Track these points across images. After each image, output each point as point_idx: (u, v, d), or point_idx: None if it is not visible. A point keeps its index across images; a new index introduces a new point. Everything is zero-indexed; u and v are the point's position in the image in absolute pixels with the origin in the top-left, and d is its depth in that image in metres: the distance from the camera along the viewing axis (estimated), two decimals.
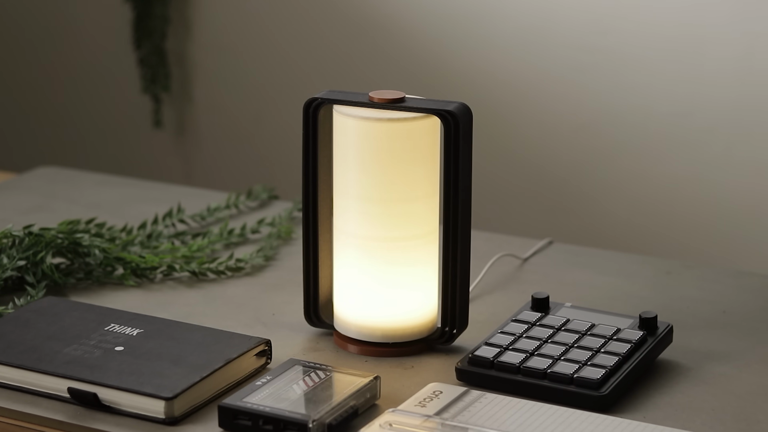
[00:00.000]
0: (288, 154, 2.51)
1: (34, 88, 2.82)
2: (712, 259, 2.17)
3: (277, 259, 1.43)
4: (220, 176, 2.65)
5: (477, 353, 1.14)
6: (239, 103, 2.60)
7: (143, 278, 1.37)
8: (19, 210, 1.57)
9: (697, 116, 2.17)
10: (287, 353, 1.18)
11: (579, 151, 2.28)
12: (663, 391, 1.13)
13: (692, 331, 1.24)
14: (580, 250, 1.48)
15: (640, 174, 2.25)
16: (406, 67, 2.40)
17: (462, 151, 1.14)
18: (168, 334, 1.17)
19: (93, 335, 1.17)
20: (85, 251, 1.35)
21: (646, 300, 1.31)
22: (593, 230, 2.28)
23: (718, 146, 2.17)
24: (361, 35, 2.45)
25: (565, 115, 2.28)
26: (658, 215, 2.24)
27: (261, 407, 1.04)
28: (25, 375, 1.11)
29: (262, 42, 2.54)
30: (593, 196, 2.29)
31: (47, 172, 1.74)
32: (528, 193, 2.35)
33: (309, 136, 1.19)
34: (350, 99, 1.16)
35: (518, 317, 1.20)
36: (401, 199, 1.17)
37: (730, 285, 1.36)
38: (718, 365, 1.17)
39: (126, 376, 1.09)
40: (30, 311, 1.22)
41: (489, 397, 1.08)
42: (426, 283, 1.19)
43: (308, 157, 1.19)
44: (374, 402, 1.10)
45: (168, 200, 1.57)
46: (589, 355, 1.13)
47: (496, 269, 1.39)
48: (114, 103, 2.74)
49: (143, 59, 2.63)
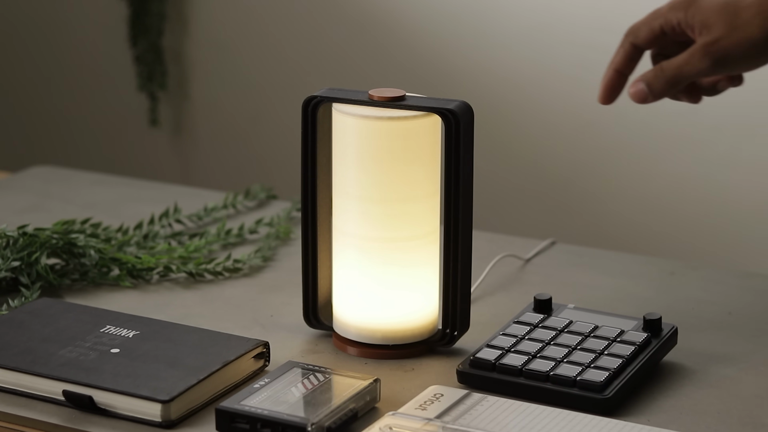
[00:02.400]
0: (286, 153, 2.51)
1: (28, 86, 2.82)
2: (717, 260, 2.18)
3: (275, 260, 1.43)
4: (218, 176, 2.65)
5: (478, 355, 1.13)
6: (237, 101, 2.60)
7: (139, 279, 1.36)
8: (14, 210, 1.56)
9: (702, 114, 2.17)
10: (286, 355, 1.18)
11: (582, 150, 2.28)
12: (667, 394, 1.12)
13: (697, 332, 1.24)
14: (583, 250, 1.47)
15: (644, 173, 2.25)
16: (407, 64, 2.39)
17: (463, 150, 1.14)
18: (164, 335, 1.17)
19: (88, 337, 1.16)
20: (81, 252, 1.35)
21: (650, 301, 1.31)
22: (596, 230, 2.28)
23: (723, 145, 2.17)
24: (361, 32, 2.44)
25: (568, 113, 2.28)
26: (662, 215, 2.24)
27: (259, 410, 1.04)
28: (20, 377, 1.11)
29: (260, 39, 2.54)
30: (596, 196, 2.29)
31: (42, 172, 1.74)
32: (530, 192, 2.35)
33: (308, 135, 1.18)
34: (350, 97, 1.16)
35: (520, 319, 1.20)
36: (401, 198, 1.16)
37: (736, 286, 1.36)
38: (723, 367, 1.17)
39: (122, 379, 1.09)
40: (24, 313, 1.22)
41: (491, 400, 1.08)
42: (426, 284, 1.19)
43: (307, 157, 1.19)
44: (374, 405, 1.09)
45: (164, 200, 1.56)
46: (593, 358, 1.12)
47: (497, 270, 1.38)
48: (110, 101, 2.74)
49: (139, 57, 2.63)
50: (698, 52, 1.01)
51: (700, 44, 1.01)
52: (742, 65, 1.02)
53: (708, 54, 1.01)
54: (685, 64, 1.02)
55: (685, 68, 1.02)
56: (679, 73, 1.02)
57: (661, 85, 1.03)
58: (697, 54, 1.01)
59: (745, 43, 1.00)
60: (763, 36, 1.00)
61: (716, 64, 1.01)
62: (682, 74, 1.02)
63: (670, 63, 1.03)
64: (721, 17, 1.00)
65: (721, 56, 1.00)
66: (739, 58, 1.00)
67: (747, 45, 1.00)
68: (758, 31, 0.99)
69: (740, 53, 1.00)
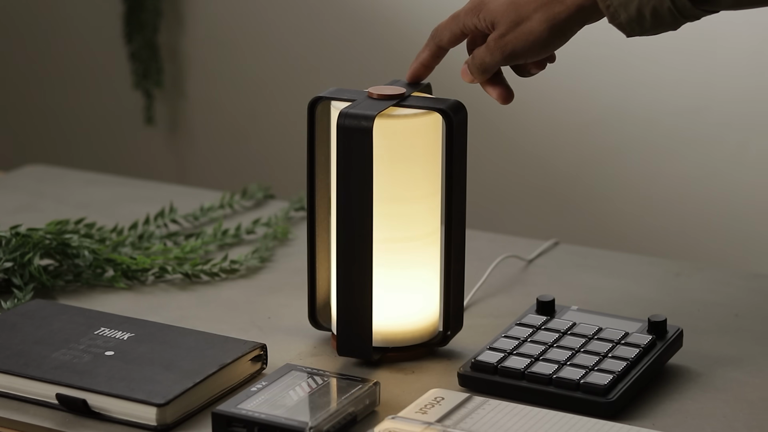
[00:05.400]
0: (284, 152, 2.52)
1: (20, 82, 2.82)
2: (723, 261, 2.18)
3: (273, 261, 1.42)
4: (214, 175, 2.65)
5: (480, 358, 1.13)
6: (234, 99, 2.60)
7: (134, 280, 1.36)
8: (6, 210, 1.56)
9: (708, 112, 2.18)
10: (283, 358, 1.18)
11: (586, 149, 2.29)
12: (673, 398, 1.12)
13: (703, 335, 1.24)
14: (587, 251, 1.47)
15: (648, 172, 2.25)
16: (409, 63, 2.39)
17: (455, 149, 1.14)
18: (160, 338, 1.17)
19: (82, 339, 1.16)
20: (74, 252, 1.35)
21: (655, 303, 1.31)
22: (600, 231, 2.29)
23: (730, 143, 2.18)
24: (361, 29, 2.44)
25: (570, 111, 2.27)
26: (667, 215, 2.24)
27: (256, 414, 1.03)
28: (12, 381, 1.11)
29: (258, 36, 2.54)
30: (600, 196, 2.29)
31: (35, 171, 1.74)
32: (533, 192, 2.35)
33: (314, 136, 1.18)
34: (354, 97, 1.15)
35: (523, 321, 1.20)
36: (401, 198, 1.15)
37: (743, 287, 1.36)
38: (729, 370, 1.17)
39: (116, 382, 1.09)
40: (17, 314, 1.22)
41: (492, 403, 1.08)
42: (426, 285, 1.18)
43: (312, 159, 1.18)
44: (374, 408, 1.09)
45: (160, 200, 1.56)
46: (596, 360, 1.12)
47: (499, 271, 1.38)
48: (104, 99, 2.74)
49: (135, 54, 2.63)
50: (491, 45, 1.12)
51: (491, 38, 1.12)
52: (530, 55, 1.13)
53: (498, 48, 1.12)
54: (484, 56, 1.13)
55: (485, 59, 1.13)
56: (483, 63, 1.13)
57: (474, 71, 1.14)
58: (491, 47, 1.12)
59: (528, 36, 1.11)
60: (542, 28, 1.10)
61: (506, 57, 1.12)
62: (484, 63, 1.13)
63: (478, 52, 1.14)
64: (506, 15, 1.11)
65: (509, 50, 1.12)
66: (526, 49, 1.11)
67: (530, 38, 1.11)
68: (538, 24, 1.10)
69: (525, 46, 1.11)
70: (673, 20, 1.08)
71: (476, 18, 1.13)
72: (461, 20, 1.14)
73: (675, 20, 1.08)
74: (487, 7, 1.12)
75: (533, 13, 1.10)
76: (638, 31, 1.09)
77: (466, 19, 1.14)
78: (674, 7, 1.06)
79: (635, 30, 1.09)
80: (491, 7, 1.12)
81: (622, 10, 1.07)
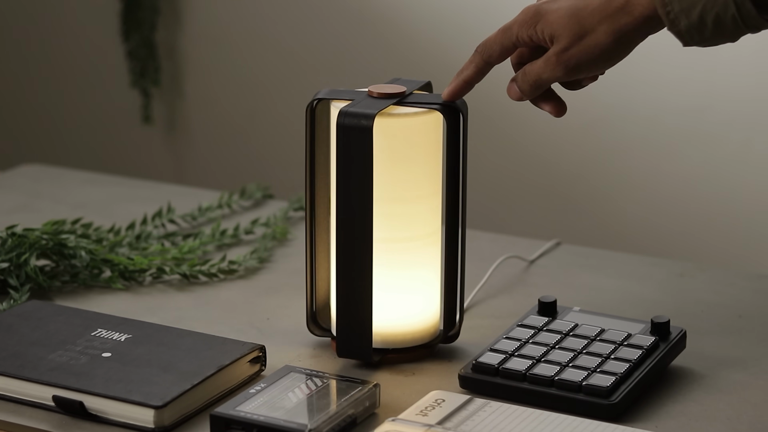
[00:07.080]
0: (283, 152, 2.51)
1: (16, 81, 2.82)
2: (727, 261, 2.18)
3: (271, 261, 1.42)
4: (212, 174, 2.65)
5: (481, 360, 1.13)
6: (232, 98, 2.60)
7: (131, 281, 1.36)
8: (2, 210, 1.56)
9: (712, 110, 2.18)
10: (282, 359, 1.17)
11: (588, 149, 2.29)
12: (676, 400, 1.12)
13: (706, 336, 1.24)
14: (589, 251, 1.47)
15: (651, 172, 2.25)
16: (409, 61, 2.39)
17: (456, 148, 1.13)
18: (157, 339, 1.16)
19: (79, 341, 1.16)
20: (71, 253, 1.35)
21: (658, 304, 1.31)
22: (603, 231, 2.29)
23: (734, 142, 2.18)
24: (360, 27, 2.44)
25: (572, 109, 2.26)
26: (670, 215, 2.24)
27: (255, 416, 1.03)
28: (8, 382, 1.11)
29: (256, 34, 2.54)
30: (603, 196, 2.29)
31: (31, 170, 1.74)
32: (534, 192, 2.35)
33: (314, 138, 1.17)
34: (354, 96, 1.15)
35: (524, 322, 1.19)
36: (401, 198, 1.15)
37: (747, 288, 1.36)
38: (733, 372, 1.17)
39: (113, 384, 1.08)
40: (13, 316, 1.21)
41: (494, 405, 1.07)
42: (427, 286, 1.18)
43: (312, 158, 1.18)
44: (374, 410, 1.09)
45: (157, 199, 1.56)
46: (599, 362, 1.12)
47: (501, 271, 1.38)
48: (101, 98, 2.74)
49: (132, 52, 2.63)
50: (551, 60, 1.09)
51: (552, 53, 1.09)
52: (594, 69, 1.10)
53: (560, 62, 1.08)
54: (542, 72, 1.10)
55: (543, 75, 1.10)
56: (539, 79, 1.10)
57: (527, 87, 1.11)
58: (551, 62, 1.09)
59: (594, 49, 1.07)
60: (609, 40, 1.07)
61: (569, 71, 1.09)
62: (541, 79, 1.10)
63: (532, 67, 1.10)
64: (567, 27, 1.07)
65: (573, 64, 1.08)
66: (591, 62, 1.08)
67: (596, 51, 1.07)
68: (604, 36, 1.07)
69: (590, 59, 1.08)
70: (735, 29, 1.04)
71: (532, 30, 1.09)
72: (514, 33, 1.10)
73: (737, 29, 1.04)
74: (545, 19, 1.08)
75: (598, 25, 1.06)
76: (696, 40, 1.06)
77: (521, 31, 1.09)
78: (739, 15, 1.03)
79: (694, 38, 1.06)
80: (550, 19, 1.08)
81: (683, 16, 1.04)
